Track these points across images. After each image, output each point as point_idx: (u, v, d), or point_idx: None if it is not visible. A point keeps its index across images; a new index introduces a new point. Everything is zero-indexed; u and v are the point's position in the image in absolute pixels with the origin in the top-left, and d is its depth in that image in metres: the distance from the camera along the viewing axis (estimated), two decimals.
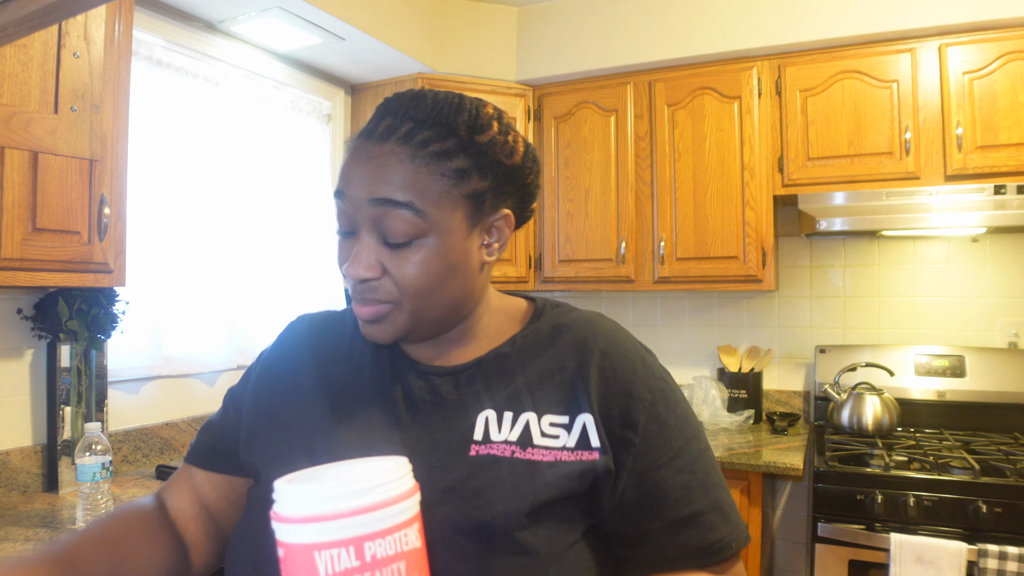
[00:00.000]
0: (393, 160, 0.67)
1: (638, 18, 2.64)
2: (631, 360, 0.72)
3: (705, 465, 0.71)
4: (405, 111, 0.69)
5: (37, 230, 1.43)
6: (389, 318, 0.70)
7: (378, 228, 0.68)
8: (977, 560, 1.75)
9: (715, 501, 0.69)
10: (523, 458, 0.66)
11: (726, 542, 0.68)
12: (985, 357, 2.39)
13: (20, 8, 0.57)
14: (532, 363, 0.73)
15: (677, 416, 0.71)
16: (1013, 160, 2.13)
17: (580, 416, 0.68)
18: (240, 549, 0.71)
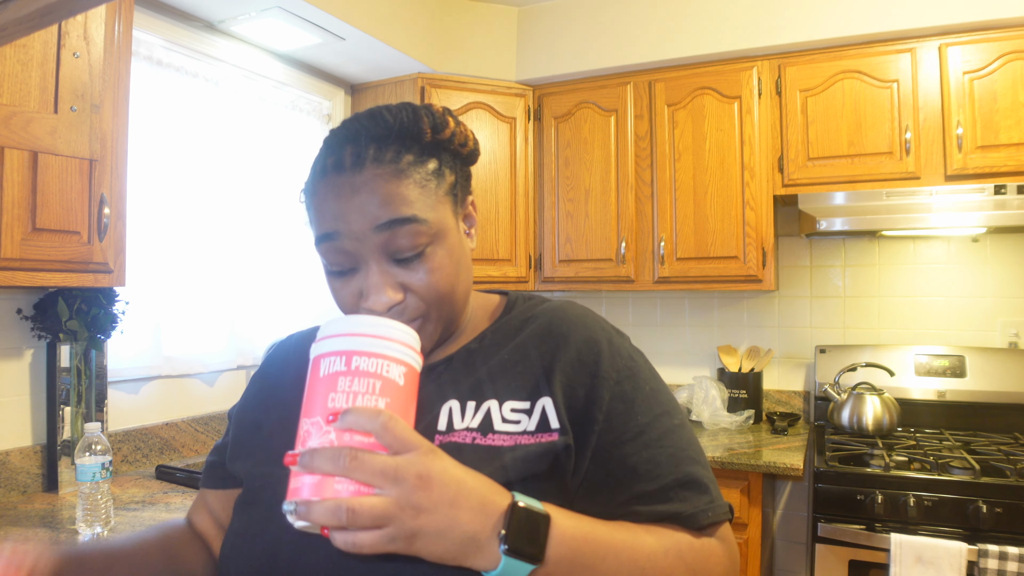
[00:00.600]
0: (380, 183, 0.67)
1: (638, 18, 2.64)
2: (596, 342, 0.73)
3: (677, 440, 0.70)
4: (365, 133, 0.69)
5: (37, 230, 1.43)
6: (424, 329, 0.71)
7: (387, 252, 0.68)
8: (977, 560, 1.75)
9: (687, 474, 0.68)
10: (484, 443, 0.67)
11: (699, 512, 0.67)
12: (985, 357, 2.39)
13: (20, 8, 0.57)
14: (496, 354, 0.74)
15: (645, 393, 0.71)
16: (1013, 160, 2.13)
17: (540, 400, 0.70)
18: (248, 549, 0.70)
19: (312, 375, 0.58)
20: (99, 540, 0.81)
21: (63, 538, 1.41)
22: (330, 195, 0.68)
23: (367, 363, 0.57)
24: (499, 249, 2.75)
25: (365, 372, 0.57)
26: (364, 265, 0.69)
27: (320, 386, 0.57)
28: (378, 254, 0.68)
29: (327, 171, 0.70)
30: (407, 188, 0.68)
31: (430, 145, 0.71)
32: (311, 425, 0.56)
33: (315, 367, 0.59)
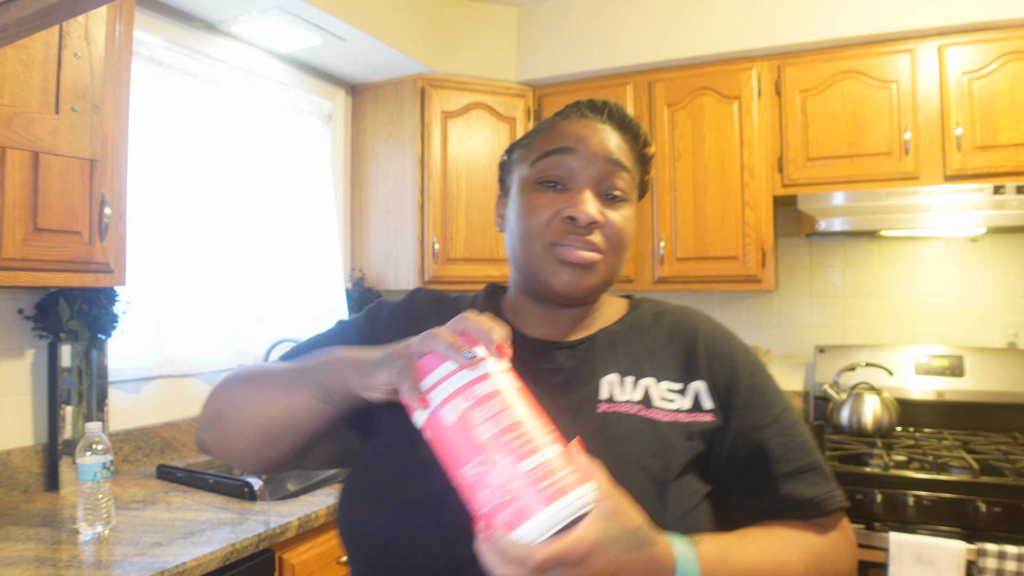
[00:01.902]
0: (617, 137, 0.81)
1: (638, 18, 2.64)
2: (731, 339, 0.83)
3: (803, 431, 0.77)
4: (607, 108, 0.84)
5: (38, 230, 1.43)
6: (596, 268, 0.78)
7: (601, 185, 0.79)
8: (976, 559, 1.75)
9: (815, 461, 0.75)
10: (646, 416, 0.74)
11: (826, 497, 0.73)
12: (984, 357, 2.39)
13: (21, 9, 0.57)
14: (643, 338, 0.82)
15: (774, 389, 0.79)
16: (1012, 160, 2.14)
17: (693, 383, 0.77)
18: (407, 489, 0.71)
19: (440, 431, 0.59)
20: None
21: (64, 538, 1.42)
22: (578, 123, 0.81)
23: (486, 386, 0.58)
24: (499, 249, 2.75)
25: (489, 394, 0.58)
26: (579, 186, 0.78)
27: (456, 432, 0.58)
28: (595, 182, 0.78)
29: (578, 108, 0.84)
30: (629, 153, 0.82)
31: (639, 153, 0.85)
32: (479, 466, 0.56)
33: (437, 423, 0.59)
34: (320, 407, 0.72)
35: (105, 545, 1.37)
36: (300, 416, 0.74)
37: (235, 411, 0.78)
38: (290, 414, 0.74)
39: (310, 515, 1.60)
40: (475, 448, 0.56)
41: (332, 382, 0.71)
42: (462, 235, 2.70)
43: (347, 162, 2.86)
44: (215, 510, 1.61)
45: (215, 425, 0.80)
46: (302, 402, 0.73)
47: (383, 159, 2.77)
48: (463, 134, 2.72)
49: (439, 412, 0.59)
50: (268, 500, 1.70)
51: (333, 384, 0.71)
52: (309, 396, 0.72)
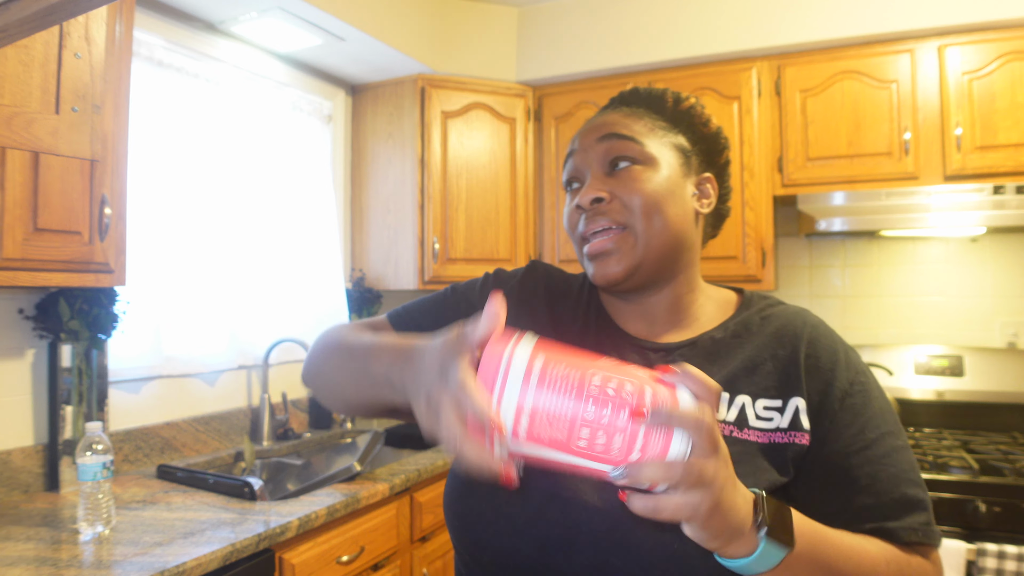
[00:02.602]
0: (619, 116, 0.81)
1: (638, 19, 2.64)
2: (834, 351, 0.75)
3: (899, 460, 0.70)
4: (620, 96, 0.85)
5: (38, 230, 1.43)
6: (621, 248, 0.75)
7: (603, 162, 0.78)
8: (976, 559, 1.75)
9: (904, 495, 0.69)
10: (740, 437, 0.70)
11: (910, 529, 0.68)
12: (984, 357, 2.39)
13: (21, 9, 0.57)
14: (744, 348, 0.76)
15: (873, 410, 0.72)
16: (1012, 160, 2.14)
17: (793, 399, 0.72)
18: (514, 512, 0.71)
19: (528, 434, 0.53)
20: None
21: (64, 537, 1.42)
22: (584, 127, 0.82)
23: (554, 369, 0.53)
24: (499, 249, 2.75)
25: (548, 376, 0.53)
26: (584, 177, 0.79)
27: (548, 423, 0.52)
28: (596, 165, 0.78)
29: (596, 115, 0.84)
30: (636, 123, 0.79)
31: (671, 113, 0.82)
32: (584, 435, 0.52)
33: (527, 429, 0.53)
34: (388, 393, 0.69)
35: (105, 545, 1.37)
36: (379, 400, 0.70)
37: (326, 379, 0.79)
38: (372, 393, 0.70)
39: (310, 515, 1.60)
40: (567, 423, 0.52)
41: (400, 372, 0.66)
42: (462, 235, 2.71)
43: (347, 162, 2.86)
44: (215, 510, 1.61)
45: (315, 380, 0.82)
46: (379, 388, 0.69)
47: (383, 159, 2.77)
48: (463, 134, 2.72)
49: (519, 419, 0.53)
50: (268, 500, 1.70)
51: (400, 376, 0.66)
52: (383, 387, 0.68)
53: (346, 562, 1.70)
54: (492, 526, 0.72)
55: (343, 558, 1.70)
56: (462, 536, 0.75)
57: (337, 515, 1.69)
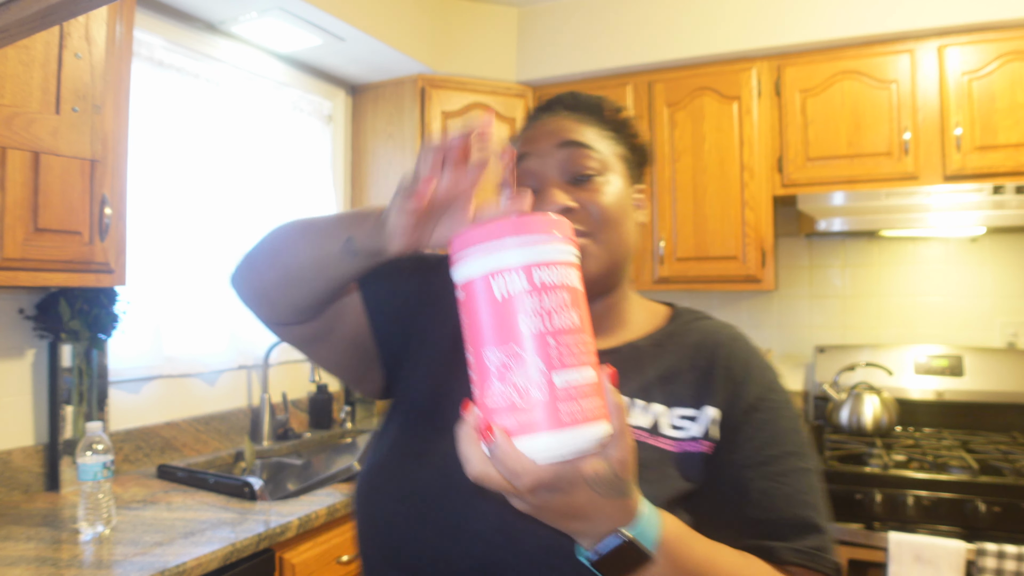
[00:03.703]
0: (570, 122, 0.80)
1: (638, 19, 2.64)
2: (748, 365, 0.76)
3: (798, 481, 0.70)
4: (559, 101, 0.84)
5: (39, 230, 1.43)
6: (591, 254, 0.75)
7: (565, 171, 0.77)
8: (976, 559, 1.75)
9: (796, 518, 0.68)
10: (652, 444, 0.71)
11: (797, 554, 0.66)
12: (983, 357, 2.39)
13: (22, 9, 0.58)
14: (664, 358, 0.77)
15: (779, 428, 0.73)
16: (1012, 160, 2.14)
17: (706, 409, 0.73)
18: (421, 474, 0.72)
19: (484, 297, 0.51)
20: None
21: (64, 537, 1.42)
22: (530, 130, 0.81)
23: (550, 275, 0.51)
24: None
25: (551, 286, 0.50)
26: (544, 184, 0.77)
27: (502, 310, 0.50)
28: (556, 172, 0.77)
29: (535, 115, 0.84)
30: (587, 129, 0.79)
31: (609, 121, 0.82)
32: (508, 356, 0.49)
33: (485, 288, 0.51)
34: (343, 258, 0.69)
35: (105, 545, 1.37)
36: (324, 264, 0.71)
37: (270, 247, 0.77)
38: (314, 260, 0.71)
39: (310, 515, 1.60)
40: (513, 336, 0.50)
41: (357, 230, 0.67)
42: None
43: (347, 162, 2.86)
44: (215, 510, 1.61)
45: (248, 259, 0.80)
46: (329, 250, 0.70)
47: (383, 159, 2.77)
48: None
49: (490, 279, 0.51)
50: (268, 500, 1.70)
51: (358, 233, 0.67)
52: (336, 245, 0.69)
53: (346, 562, 1.70)
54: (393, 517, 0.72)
55: (343, 558, 1.70)
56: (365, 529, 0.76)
57: (337, 515, 1.69)
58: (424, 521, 0.70)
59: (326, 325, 0.81)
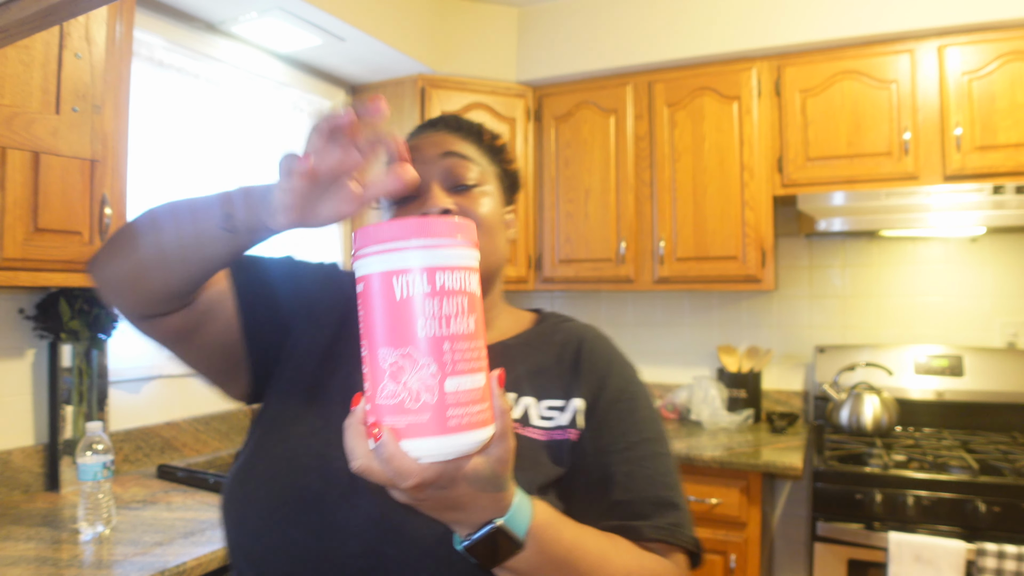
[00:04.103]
0: (451, 137, 0.85)
1: (638, 19, 2.64)
2: (610, 361, 0.83)
3: (657, 465, 0.76)
4: (443, 120, 0.88)
5: (39, 230, 1.43)
6: None
7: (447, 179, 0.81)
8: (976, 559, 1.75)
9: (657, 497, 0.74)
10: (522, 434, 0.74)
11: (658, 530, 0.71)
12: (983, 357, 2.39)
13: (22, 9, 0.58)
14: (533, 356, 0.83)
15: (638, 418, 0.79)
16: (1012, 160, 2.14)
17: (573, 399, 0.79)
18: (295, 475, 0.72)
19: (383, 295, 0.51)
20: None
21: (64, 537, 1.42)
22: (412, 140, 0.86)
23: (452, 279, 0.52)
24: None
25: (451, 291, 0.51)
26: (425, 188, 0.80)
27: (401, 311, 0.51)
28: (439, 179, 0.81)
29: (415, 132, 0.88)
30: (469, 148, 0.85)
31: (487, 144, 0.88)
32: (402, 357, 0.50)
33: (385, 286, 0.51)
34: (219, 235, 0.66)
35: (105, 545, 1.37)
36: (199, 242, 0.67)
37: (139, 227, 0.72)
38: (189, 237, 0.68)
39: None
40: (409, 338, 0.50)
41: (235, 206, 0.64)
42: None
43: None
44: (215, 510, 1.61)
45: (113, 241, 0.74)
46: (205, 227, 0.66)
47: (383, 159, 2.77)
48: None
49: (393, 279, 0.51)
50: None
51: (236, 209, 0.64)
52: (213, 222, 0.65)
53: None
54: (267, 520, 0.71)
55: None
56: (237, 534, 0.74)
57: None
58: (298, 524, 0.70)
59: (195, 321, 0.79)
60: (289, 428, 0.77)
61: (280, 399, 0.81)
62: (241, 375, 0.85)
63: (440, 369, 0.50)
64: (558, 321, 0.89)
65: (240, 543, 0.74)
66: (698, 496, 2.19)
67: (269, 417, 0.80)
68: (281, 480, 0.72)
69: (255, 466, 0.75)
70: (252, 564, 0.73)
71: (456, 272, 0.52)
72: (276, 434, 0.77)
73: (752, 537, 2.15)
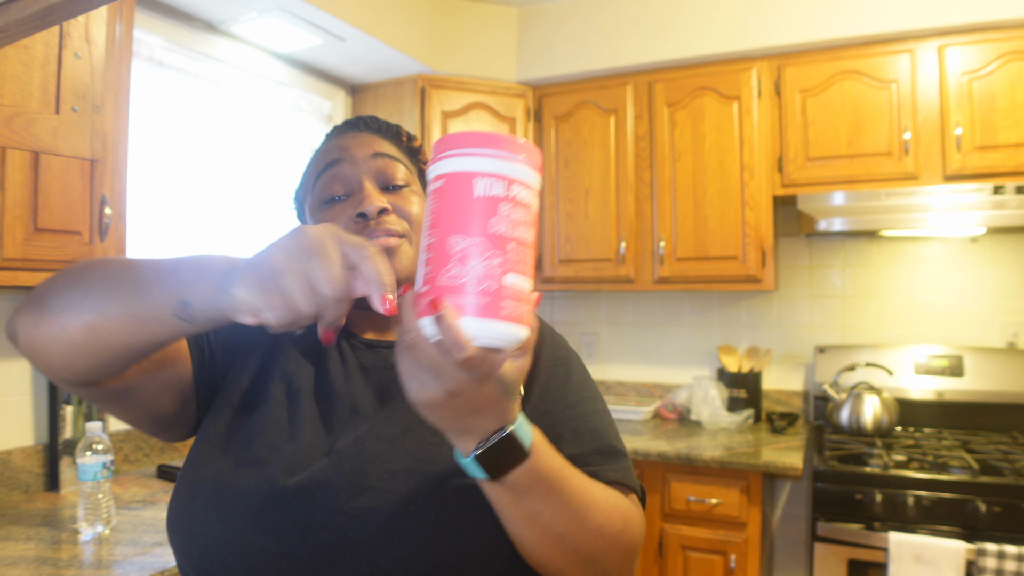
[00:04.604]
0: (376, 137, 0.88)
1: (638, 18, 2.64)
2: (541, 333, 0.85)
3: (599, 420, 0.81)
4: (362, 120, 0.91)
5: (39, 230, 1.43)
6: (402, 251, 0.81)
7: (380, 177, 0.84)
8: (976, 559, 1.75)
9: (605, 447, 0.79)
10: None
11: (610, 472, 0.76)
12: (984, 357, 2.39)
13: (22, 9, 0.58)
14: None
15: (575, 381, 0.84)
16: (1012, 160, 2.14)
17: None
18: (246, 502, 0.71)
19: (462, 191, 0.56)
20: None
21: (64, 537, 1.42)
22: (336, 140, 0.87)
23: (523, 193, 0.57)
24: None
25: (521, 202, 0.57)
26: (358, 188, 0.83)
27: (478, 206, 0.56)
28: (371, 178, 0.83)
29: (336, 131, 0.90)
30: (392, 146, 0.88)
31: (406, 147, 0.91)
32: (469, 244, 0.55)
33: (465, 183, 0.56)
34: (173, 323, 0.60)
35: (105, 545, 1.37)
36: (147, 323, 0.61)
37: (68, 299, 0.63)
38: (134, 317, 0.61)
39: None
40: (481, 230, 0.55)
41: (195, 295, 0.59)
42: None
43: None
44: None
45: (36, 309, 0.65)
46: (155, 310, 0.60)
47: None
48: None
49: (474, 179, 0.56)
50: None
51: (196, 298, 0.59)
52: (167, 305, 0.60)
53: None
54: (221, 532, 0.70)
55: None
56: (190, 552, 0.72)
57: None
58: (253, 528, 0.69)
59: (142, 378, 0.75)
60: (228, 441, 0.76)
61: (214, 417, 0.80)
62: (187, 416, 0.83)
63: (503, 263, 0.55)
64: None
65: (193, 559, 0.72)
66: (698, 496, 2.19)
67: (207, 435, 0.78)
68: (228, 491, 0.72)
69: (197, 481, 0.74)
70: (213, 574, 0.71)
71: (527, 189, 0.58)
72: (215, 449, 0.76)
73: (752, 537, 2.15)
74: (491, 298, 0.54)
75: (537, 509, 0.65)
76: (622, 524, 0.72)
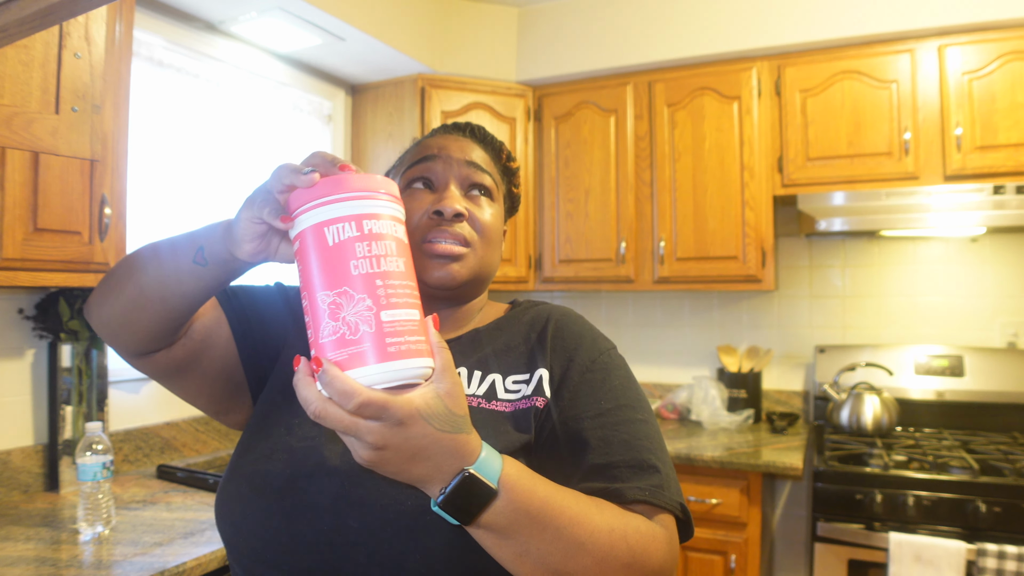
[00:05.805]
0: (476, 147, 0.90)
1: (638, 18, 2.64)
2: (580, 335, 0.84)
3: (635, 430, 0.76)
4: (471, 128, 0.93)
5: (38, 230, 1.43)
6: (465, 259, 0.83)
7: (465, 183, 0.86)
8: (976, 559, 1.75)
9: (635, 460, 0.73)
10: (487, 408, 0.77)
11: (639, 491, 0.70)
12: (984, 357, 2.39)
13: (21, 9, 0.57)
14: (502, 336, 0.86)
15: (612, 385, 0.80)
16: (1012, 160, 2.14)
17: (537, 371, 0.81)
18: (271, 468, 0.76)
19: (317, 244, 0.56)
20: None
21: (64, 538, 1.42)
22: (440, 138, 0.90)
23: (379, 225, 0.56)
24: (506, 247, 2.75)
25: (379, 235, 0.56)
26: (444, 186, 0.85)
27: (335, 254, 0.55)
28: (458, 181, 0.86)
29: (442, 128, 0.93)
30: (488, 160, 0.90)
31: (503, 165, 0.94)
32: (339, 296, 0.55)
33: (318, 236, 0.56)
34: (194, 270, 0.72)
35: (105, 545, 1.37)
36: (177, 277, 0.73)
37: (124, 270, 0.78)
38: (168, 274, 0.74)
39: None
40: (343, 278, 0.55)
41: (207, 240, 0.71)
42: None
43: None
44: None
45: (102, 285, 0.81)
46: (181, 263, 0.73)
47: (383, 159, 2.77)
48: None
49: (324, 228, 0.56)
50: None
51: (208, 243, 0.71)
52: (188, 256, 0.72)
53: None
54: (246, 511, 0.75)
55: None
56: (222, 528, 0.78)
57: None
58: (271, 509, 0.73)
59: (192, 352, 0.85)
60: (269, 427, 0.81)
61: (262, 404, 0.85)
62: (242, 401, 0.90)
63: (375, 302, 0.54)
64: (530, 305, 0.92)
65: (227, 536, 0.78)
66: (698, 496, 2.19)
67: (253, 420, 0.84)
68: (260, 473, 0.76)
69: (239, 465, 0.79)
70: (238, 555, 0.76)
71: (382, 220, 0.57)
72: (258, 433, 0.81)
73: (752, 537, 2.15)
74: (372, 341, 0.53)
75: (524, 546, 0.62)
76: (628, 555, 0.65)
